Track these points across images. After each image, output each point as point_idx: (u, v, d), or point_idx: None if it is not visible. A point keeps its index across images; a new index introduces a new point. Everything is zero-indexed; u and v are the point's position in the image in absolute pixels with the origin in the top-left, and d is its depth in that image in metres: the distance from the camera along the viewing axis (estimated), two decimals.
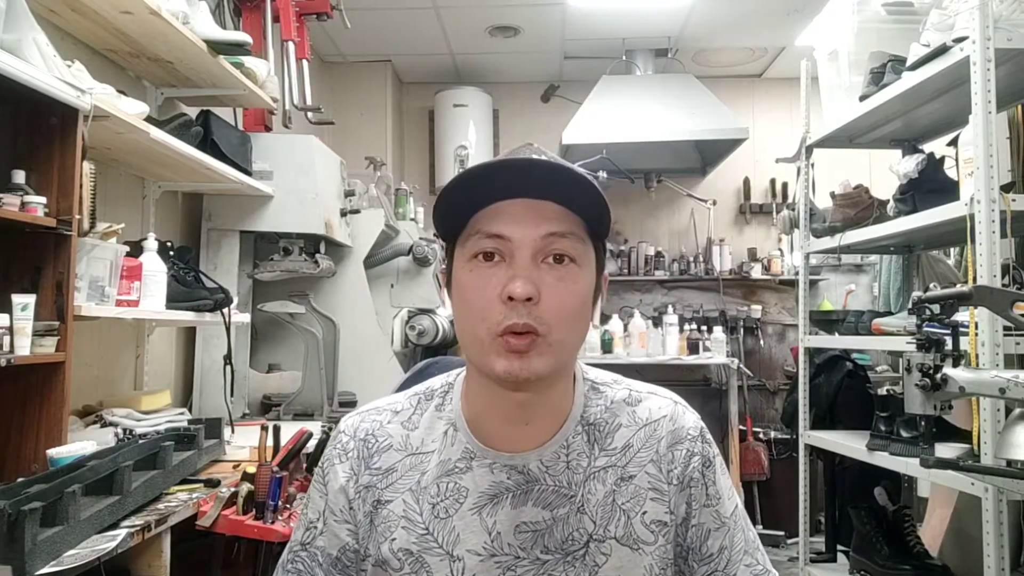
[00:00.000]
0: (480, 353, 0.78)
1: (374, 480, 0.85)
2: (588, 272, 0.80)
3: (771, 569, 0.87)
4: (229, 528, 1.61)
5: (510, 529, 0.82)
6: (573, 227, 0.78)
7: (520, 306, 0.75)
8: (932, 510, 2.72)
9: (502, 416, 0.83)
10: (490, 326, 0.76)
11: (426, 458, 0.85)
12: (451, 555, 0.82)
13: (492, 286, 0.76)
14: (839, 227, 2.70)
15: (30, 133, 1.61)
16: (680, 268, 4.74)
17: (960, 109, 2.12)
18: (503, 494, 0.82)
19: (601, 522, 0.82)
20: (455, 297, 0.82)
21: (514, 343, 0.75)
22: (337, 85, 4.55)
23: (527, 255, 0.76)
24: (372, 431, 0.88)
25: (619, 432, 0.86)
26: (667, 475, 0.85)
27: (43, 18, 1.86)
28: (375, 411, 0.90)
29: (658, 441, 0.86)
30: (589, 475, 0.83)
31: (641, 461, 0.85)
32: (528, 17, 3.98)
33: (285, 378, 2.89)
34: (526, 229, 0.76)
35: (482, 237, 0.77)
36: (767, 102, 4.86)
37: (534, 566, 0.81)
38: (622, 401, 0.88)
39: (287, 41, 2.81)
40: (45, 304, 1.59)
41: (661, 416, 0.87)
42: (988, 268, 1.83)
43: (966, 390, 1.46)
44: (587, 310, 0.81)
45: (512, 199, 0.77)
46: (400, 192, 3.51)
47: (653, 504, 0.83)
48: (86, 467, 1.39)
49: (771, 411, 4.65)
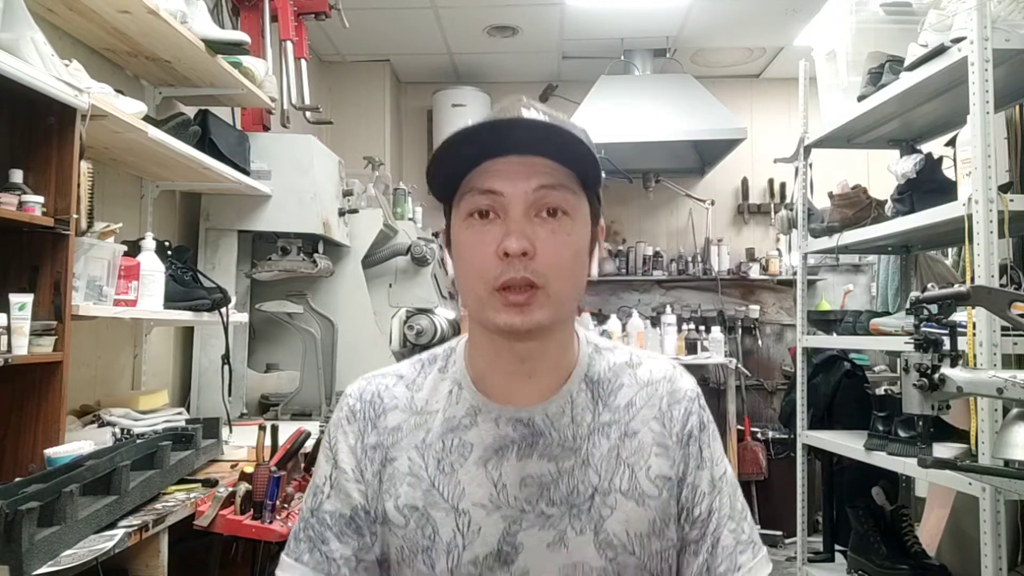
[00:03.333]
0: (480, 308, 0.79)
1: (381, 439, 0.86)
2: (582, 224, 0.81)
3: (757, 541, 0.86)
4: (227, 528, 1.61)
5: (516, 482, 0.82)
6: (564, 179, 0.79)
7: (516, 261, 0.76)
8: (930, 510, 2.72)
9: (506, 371, 0.84)
10: (488, 281, 0.78)
11: (431, 417, 0.87)
12: (456, 509, 0.82)
13: (487, 242, 0.78)
14: (837, 227, 2.71)
15: (28, 132, 1.61)
16: (678, 268, 4.75)
17: (958, 109, 2.12)
18: (508, 447, 0.83)
19: (606, 475, 0.83)
20: (455, 256, 0.83)
21: (513, 298, 0.77)
22: (335, 85, 4.55)
23: (520, 210, 0.78)
24: (378, 392, 0.89)
25: (622, 391, 0.88)
26: (670, 432, 0.86)
27: (41, 17, 1.86)
28: (380, 375, 0.92)
29: (660, 400, 0.88)
30: (593, 430, 0.85)
31: (644, 418, 0.86)
32: (527, 17, 3.98)
33: (283, 378, 2.89)
34: (517, 184, 0.78)
35: (475, 194, 0.79)
36: (765, 102, 4.86)
37: (539, 520, 0.81)
38: (624, 363, 0.90)
39: (285, 41, 2.81)
40: (43, 304, 1.58)
41: (661, 377, 0.90)
42: (986, 268, 1.83)
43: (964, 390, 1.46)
44: (583, 261, 0.82)
45: (503, 156, 0.78)
46: (398, 192, 3.51)
47: (657, 459, 0.85)
48: (84, 467, 1.39)
49: (769, 411, 4.66)
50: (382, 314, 3.10)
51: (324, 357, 2.79)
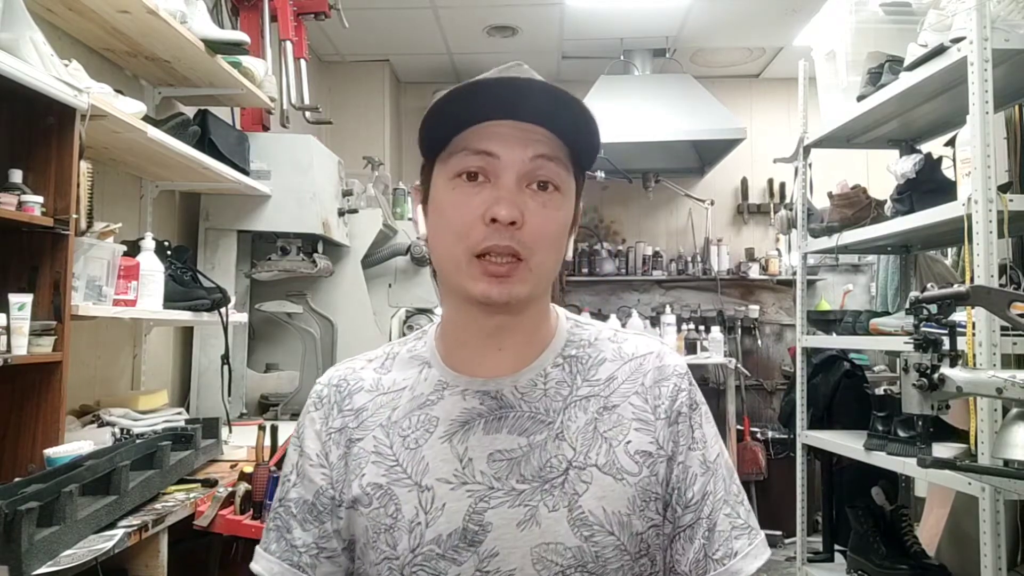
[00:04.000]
0: (456, 273, 0.77)
1: (347, 421, 0.85)
2: (569, 202, 0.80)
3: (754, 525, 0.82)
4: (226, 528, 1.61)
5: (483, 456, 0.79)
6: (559, 153, 0.77)
7: (503, 229, 0.74)
8: (929, 510, 2.72)
9: (476, 342, 0.82)
10: (469, 246, 0.75)
11: (398, 395, 0.85)
12: (419, 485, 0.79)
13: (474, 206, 0.75)
14: (837, 227, 2.71)
15: (27, 132, 1.61)
16: (678, 268, 4.75)
17: (957, 109, 2.12)
18: (475, 420, 0.80)
19: (582, 449, 0.79)
20: (432, 216, 0.80)
21: (493, 268, 0.75)
22: (335, 85, 4.55)
23: (512, 178, 0.75)
24: (344, 377, 0.88)
25: (603, 366, 0.85)
26: (653, 408, 0.82)
27: (40, 17, 1.85)
28: (350, 361, 0.91)
29: (644, 375, 0.84)
30: (570, 403, 0.81)
31: (625, 392, 0.83)
32: (526, 17, 3.98)
33: (283, 378, 2.89)
34: (514, 150, 0.75)
35: (468, 154, 0.76)
36: (765, 102, 4.86)
37: (509, 496, 0.77)
38: (606, 339, 0.88)
39: (285, 40, 2.81)
40: (42, 304, 1.58)
41: (647, 352, 0.86)
42: (985, 268, 1.83)
43: (963, 390, 1.46)
44: (564, 238, 0.81)
45: (501, 120, 0.76)
46: (398, 192, 3.52)
47: (637, 434, 0.81)
48: (83, 467, 1.38)
49: (769, 411, 4.66)
50: (382, 314, 3.10)
51: (324, 357, 2.79)
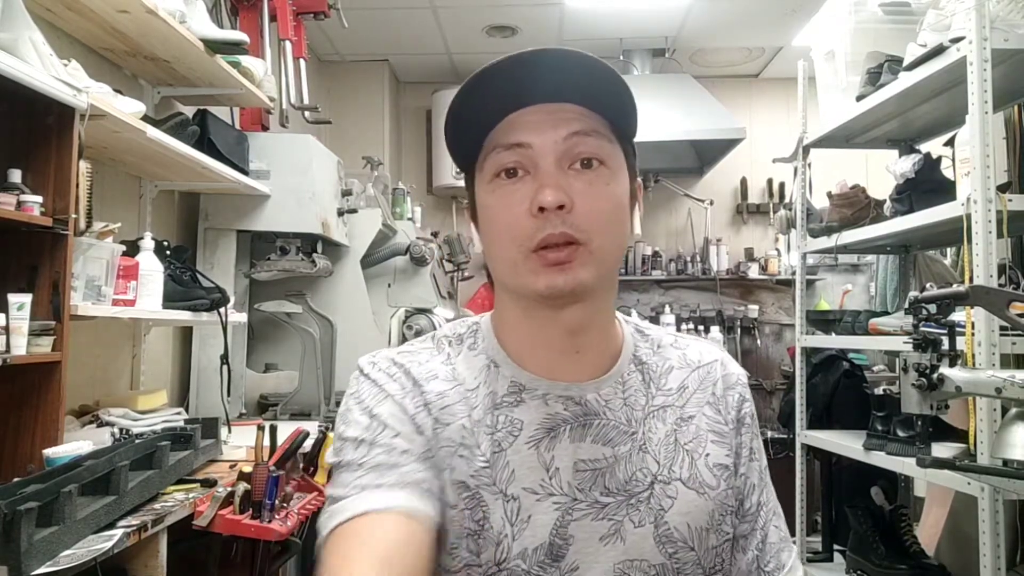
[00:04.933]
0: (515, 274, 0.72)
1: (430, 400, 0.74)
2: (621, 175, 0.74)
3: (790, 539, 0.84)
4: (226, 528, 1.61)
5: (568, 466, 0.73)
6: (597, 126, 0.72)
7: (553, 216, 0.69)
8: (928, 509, 2.72)
9: (550, 346, 0.75)
10: (522, 243, 0.70)
11: (473, 393, 0.75)
12: (504, 493, 0.72)
13: (518, 201, 0.70)
14: (836, 227, 2.71)
15: (26, 132, 1.61)
16: (677, 268, 4.75)
17: (957, 109, 2.13)
18: (560, 426, 0.74)
19: (665, 462, 0.75)
20: (482, 223, 0.75)
21: (552, 256, 0.69)
22: (334, 84, 4.55)
23: (551, 161, 0.70)
24: (406, 362, 0.77)
25: (672, 373, 0.81)
26: (725, 418, 0.80)
27: (39, 17, 1.85)
28: (398, 351, 0.79)
29: (713, 383, 0.82)
30: (648, 413, 0.77)
31: (699, 402, 0.80)
32: (526, 17, 3.98)
33: (282, 378, 2.89)
34: (545, 133, 0.70)
35: (500, 151, 0.71)
36: (764, 102, 4.86)
37: (593, 509, 0.72)
38: (669, 345, 0.84)
39: (284, 40, 2.81)
40: (41, 304, 1.58)
41: (713, 360, 0.84)
42: (984, 268, 1.83)
43: (962, 390, 1.46)
44: (625, 216, 0.75)
45: (525, 107, 0.71)
46: (397, 192, 3.51)
47: (715, 447, 0.78)
48: (82, 467, 1.38)
49: (768, 411, 4.66)
50: (381, 314, 3.10)
51: (323, 357, 2.78)
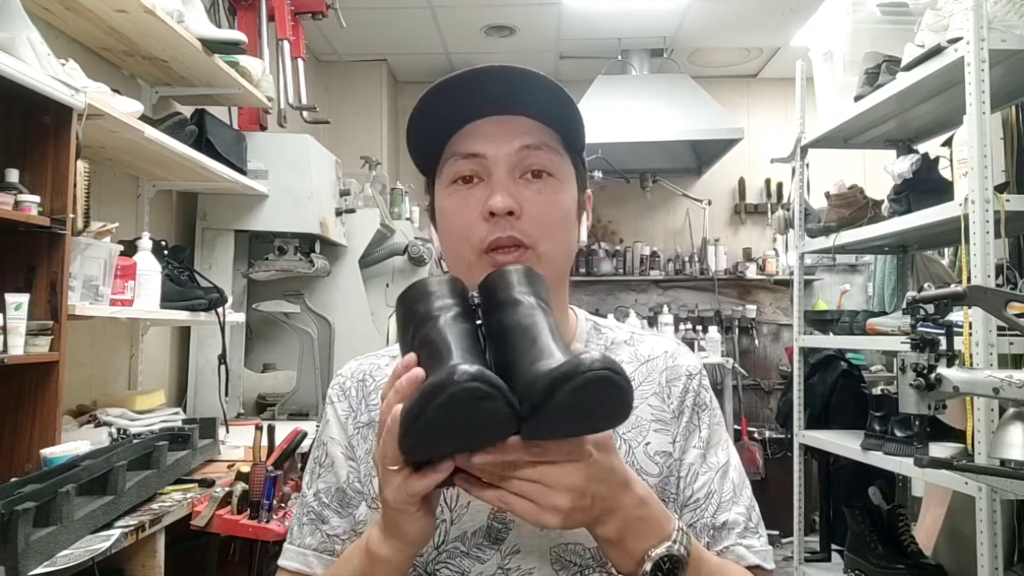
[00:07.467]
0: (468, 274, 0.77)
1: (373, 417, 0.84)
2: (568, 186, 0.80)
3: (762, 533, 0.80)
4: (224, 528, 1.61)
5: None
6: (547, 139, 0.78)
7: (503, 220, 0.75)
8: (926, 509, 2.73)
9: None
10: (474, 245, 0.76)
11: None
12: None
13: (472, 206, 0.76)
14: (834, 227, 2.71)
15: (24, 132, 1.61)
16: (675, 268, 4.75)
17: (954, 110, 2.13)
18: None
19: None
20: (439, 225, 0.82)
21: (501, 259, 0.75)
22: (332, 84, 4.54)
23: (504, 171, 0.76)
24: (370, 372, 0.88)
25: None
26: (668, 407, 0.83)
27: (37, 16, 1.85)
28: (373, 356, 0.90)
29: (658, 375, 0.85)
30: None
31: (643, 394, 0.83)
32: (524, 17, 3.98)
33: (280, 378, 2.89)
34: (499, 145, 0.76)
35: (458, 159, 0.78)
36: (762, 102, 4.87)
37: None
38: (623, 342, 0.88)
39: (282, 40, 2.81)
40: (39, 303, 1.58)
41: (661, 352, 0.87)
42: (982, 268, 1.84)
43: (960, 390, 1.47)
44: (571, 224, 0.81)
45: (482, 119, 0.77)
46: (395, 192, 3.51)
47: (656, 435, 0.82)
48: (80, 467, 1.38)
49: (766, 411, 4.66)
50: (379, 314, 3.09)
51: (321, 357, 2.78)
